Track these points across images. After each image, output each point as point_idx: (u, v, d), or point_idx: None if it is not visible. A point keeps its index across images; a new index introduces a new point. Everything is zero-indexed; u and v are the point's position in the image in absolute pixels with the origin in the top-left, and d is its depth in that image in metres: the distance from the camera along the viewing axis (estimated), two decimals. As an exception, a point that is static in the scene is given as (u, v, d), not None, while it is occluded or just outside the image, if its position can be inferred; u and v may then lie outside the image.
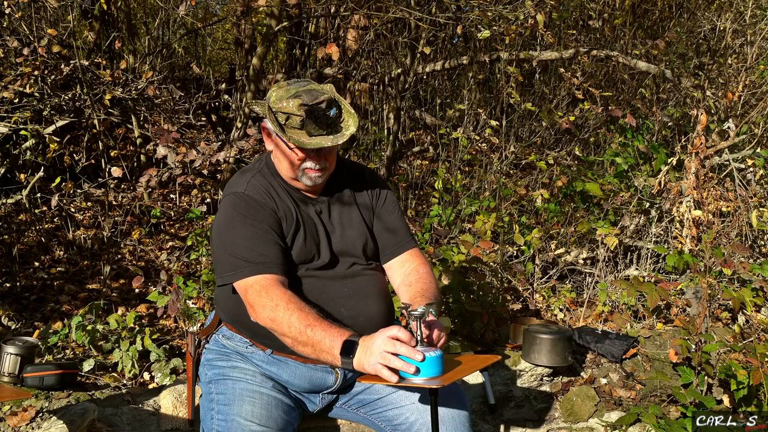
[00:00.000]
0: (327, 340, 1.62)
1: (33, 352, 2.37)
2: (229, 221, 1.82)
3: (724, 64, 4.61)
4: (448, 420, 1.79)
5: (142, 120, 4.68)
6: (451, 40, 6.07)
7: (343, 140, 1.79)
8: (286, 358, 1.85)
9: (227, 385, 1.82)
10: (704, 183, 3.62)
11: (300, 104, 1.76)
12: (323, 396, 1.94)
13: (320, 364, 1.79)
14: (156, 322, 3.13)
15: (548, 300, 3.55)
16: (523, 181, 5.04)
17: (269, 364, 1.87)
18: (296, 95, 1.79)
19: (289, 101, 1.78)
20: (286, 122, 1.78)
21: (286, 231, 1.84)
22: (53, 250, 3.92)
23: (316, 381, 1.88)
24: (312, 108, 1.76)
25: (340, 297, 1.85)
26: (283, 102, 1.79)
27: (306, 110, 1.76)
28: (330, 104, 1.79)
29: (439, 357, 1.63)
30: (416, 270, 1.98)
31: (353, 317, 1.84)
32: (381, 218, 2.02)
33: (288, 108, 1.77)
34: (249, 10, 4.56)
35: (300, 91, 1.80)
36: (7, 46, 3.82)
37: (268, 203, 1.84)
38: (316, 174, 1.84)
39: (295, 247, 1.84)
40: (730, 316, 3.27)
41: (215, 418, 1.77)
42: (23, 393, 1.98)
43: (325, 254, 1.88)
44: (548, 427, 2.72)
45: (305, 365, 1.85)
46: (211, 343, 1.98)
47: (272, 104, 1.81)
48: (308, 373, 1.87)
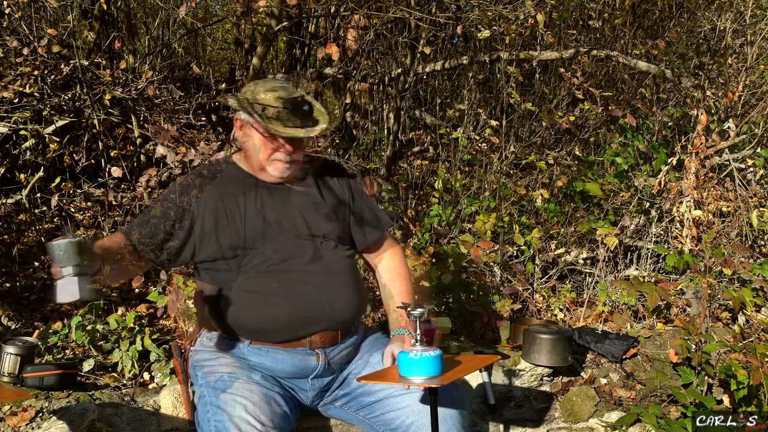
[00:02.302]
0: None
1: (33, 352, 2.36)
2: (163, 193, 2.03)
3: (724, 64, 4.61)
4: (447, 419, 1.80)
5: (142, 120, 4.67)
6: (451, 40, 6.07)
7: (314, 134, 1.92)
8: (263, 346, 1.90)
9: (218, 386, 1.84)
10: (704, 183, 3.62)
11: (277, 97, 1.89)
12: (312, 382, 1.96)
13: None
14: (156, 322, 3.12)
15: (548, 300, 3.55)
16: (523, 181, 5.03)
17: (252, 355, 1.91)
18: (273, 89, 1.91)
19: (266, 94, 1.90)
20: (263, 112, 1.89)
21: (211, 224, 1.94)
22: (53, 250, 3.91)
23: (299, 364, 1.91)
24: (288, 100, 1.89)
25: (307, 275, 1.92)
26: (260, 95, 1.91)
27: (282, 102, 1.88)
28: (304, 100, 1.93)
29: (439, 356, 1.63)
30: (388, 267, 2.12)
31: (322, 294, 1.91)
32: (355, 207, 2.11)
33: (265, 100, 1.89)
34: (249, 10, 4.55)
35: (276, 86, 1.93)
36: (7, 46, 3.82)
37: (193, 202, 1.97)
38: (284, 165, 1.95)
39: (229, 231, 1.93)
40: (730, 316, 3.26)
41: (211, 420, 1.78)
42: (23, 393, 1.98)
43: (272, 232, 1.94)
44: (548, 427, 2.72)
45: (284, 349, 1.90)
46: (197, 344, 2.02)
47: (249, 96, 1.92)
48: (289, 357, 1.90)
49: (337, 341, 1.96)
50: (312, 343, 1.91)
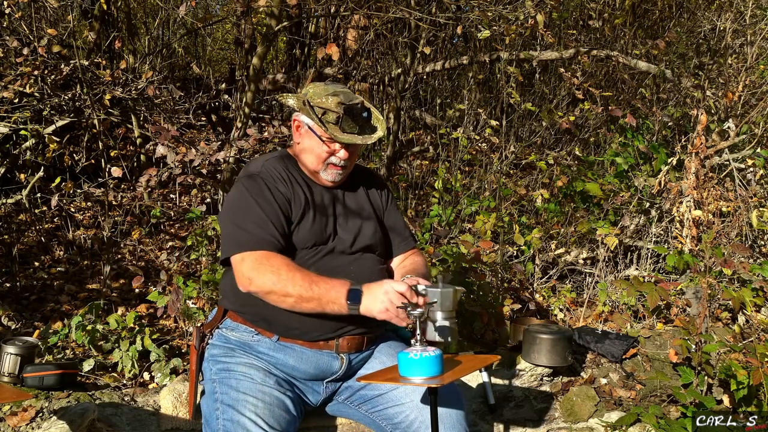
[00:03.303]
0: (332, 292, 1.75)
1: (33, 352, 2.37)
2: (240, 201, 1.92)
3: (724, 64, 4.61)
4: (446, 419, 1.81)
5: (142, 120, 4.68)
6: (451, 40, 6.07)
7: (371, 141, 1.95)
8: (292, 344, 1.90)
9: (231, 384, 1.83)
10: (704, 183, 3.62)
11: (338, 102, 1.89)
12: (326, 385, 1.96)
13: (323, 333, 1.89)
14: (156, 322, 3.12)
15: (548, 300, 3.55)
16: (523, 181, 5.04)
17: (276, 351, 1.90)
18: (334, 93, 1.92)
19: (327, 98, 1.91)
20: (323, 116, 1.90)
21: (295, 213, 1.93)
22: (53, 250, 3.92)
23: (322, 366, 1.92)
24: (349, 107, 1.90)
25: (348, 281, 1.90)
26: (322, 98, 1.91)
27: (344, 108, 1.89)
28: (363, 107, 1.93)
29: (439, 356, 1.64)
30: (411, 259, 2.14)
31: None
32: (388, 219, 2.15)
33: (326, 104, 1.90)
34: (249, 10, 4.55)
35: (338, 91, 1.93)
36: (7, 46, 3.82)
37: (278, 187, 1.93)
38: (337, 171, 1.97)
39: (303, 228, 1.92)
40: (730, 316, 3.26)
41: (220, 418, 1.77)
42: (23, 393, 1.98)
43: (338, 238, 1.97)
44: (548, 427, 2.72)
45: (311, 350, 1.90)
46: (215, 338, 1.99)
47: (310, 98, 1.93)
48: (315, 358, 1.90)
49: (362, 348, 1.97)
50: (339, 347, 1.91)
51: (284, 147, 2.19)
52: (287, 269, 1.78)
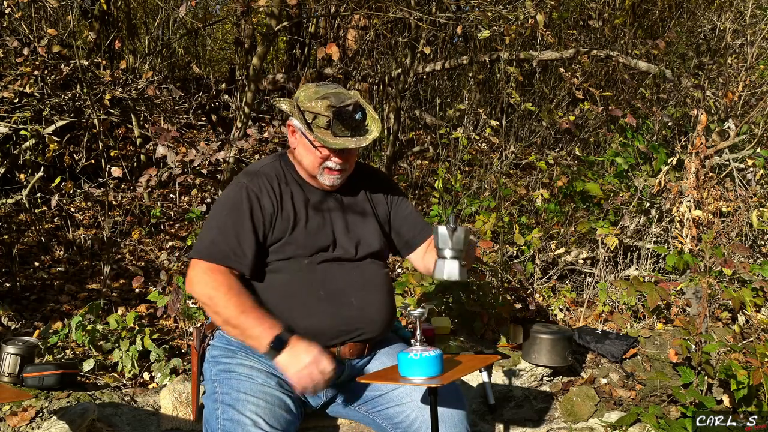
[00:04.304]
0: (256, 330, 1.73)
1: (33, 352, 2.37)
2: (224, 206, 1.90)
3: (724, 64, 4.61)
4: (446, 418, 1.81)
5: (142, 120, 4.68)
6: (451, 40, 6.07)
7: (366, 143, 1.89)
8: None
9: (232, 384, 1.83)
10: (704, 183, 3.62)
11: (328, 105, 1.84)
12: (328, 389, 1.96)
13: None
14: (156, 322, 3.12)
15: (548, 300, 3.55)
16: (523, 181, 5.03)
17: None
18: (324, 96, 1.86)
19: (317, 101, 1.86)
20: (313, 121, 1.86)
21: (283, 226, 1.89)
22: (53, 250, 3.92)
23: None
24: (339, 110, 1.84)
25: (351, 288, 1.90)
26: (312, 102, 1.87)
27: (333, 111, 1.84)
28: (356, 108, 1.87)
29: (439, 356, 1.64)
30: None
31: (362, 308, 1.90)
32: (399, 214, 2.10)
33: (316, 108, 1.85)
34: (249, 10, 4.55)
35: (328, 93, 1.87)
36: (7, 46, 3.82)
37: (262, 200, 1.89)
38: (335, 175, 1.92)
39: (299, 235, 1.89)
40: (730, 316, 3.27)
41: (220, 418, 1.77)
42: (23, 393, 1.98)
43: (339, 244, 1.94)
44: (548, 427, 2.72)
45: None
46: (215, 338, 1.99)
47: (300, 103, 1.89)
48: None
49: (363, 354, 1.96)
50: (341, 353, 1.90)
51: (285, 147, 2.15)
52: (226, 290, 1.77)
